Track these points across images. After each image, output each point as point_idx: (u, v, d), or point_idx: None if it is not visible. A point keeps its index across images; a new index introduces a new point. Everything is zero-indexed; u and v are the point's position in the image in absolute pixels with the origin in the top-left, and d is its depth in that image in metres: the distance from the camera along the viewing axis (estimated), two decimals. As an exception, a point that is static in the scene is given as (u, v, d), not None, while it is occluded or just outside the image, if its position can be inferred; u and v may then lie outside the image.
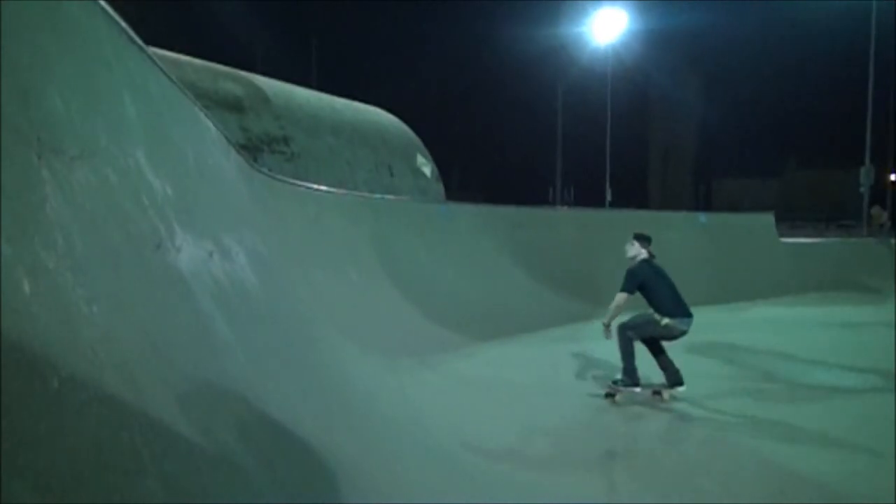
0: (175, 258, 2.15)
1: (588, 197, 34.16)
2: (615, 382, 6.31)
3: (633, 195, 39.27)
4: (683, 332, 6.25)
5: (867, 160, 26.34)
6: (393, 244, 9.24)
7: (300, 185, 8.33)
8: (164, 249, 2.08)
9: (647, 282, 6.30)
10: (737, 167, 48.22)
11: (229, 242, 3.19)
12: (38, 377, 1.06)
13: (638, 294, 6.30)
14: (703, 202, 46.17)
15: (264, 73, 14.47)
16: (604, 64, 32.03)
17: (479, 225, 11.66)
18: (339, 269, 7.40)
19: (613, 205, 30.32)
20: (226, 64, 13.31)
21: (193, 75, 11.29)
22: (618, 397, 6.18)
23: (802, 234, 22.51)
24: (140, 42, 3.15)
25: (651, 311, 6.28)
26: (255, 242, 4.03)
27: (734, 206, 29.29)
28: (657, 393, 6.26)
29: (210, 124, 4.43)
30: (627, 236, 6.89)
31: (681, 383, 6.23)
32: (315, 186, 8.96)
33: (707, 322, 11.20)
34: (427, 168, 16.22)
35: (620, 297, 6.28)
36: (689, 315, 6.23)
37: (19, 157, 1.34)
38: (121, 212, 1.84)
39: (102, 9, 2.52)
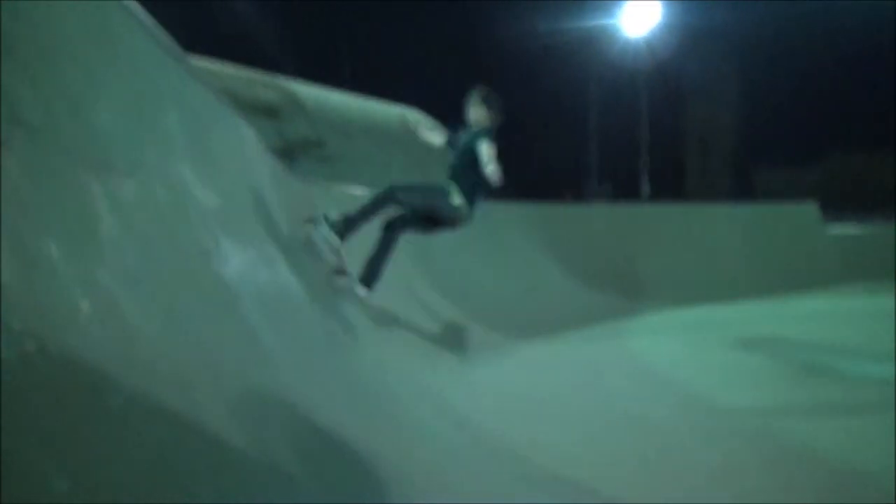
0: (222, 268, 2.17)
1: (624, 190, 33.75)
2: (326, 217, 5.05)
3: (670, 187, 38.66)
4: (452, 227, 5.25)
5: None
6: (428, 243, 9.24)
7: (336, 188, 8.39)
8: (211, 260, 2.10)
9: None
10: (777, 155, 47.04)
11: (271, 249, 3.22)
12: (100, 397, 1.08)
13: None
14: (744, 192, 45.18)
15: (297, 76, 14.61)
16: (637, 55, 31.63)
17: (514, 222, 11.62)
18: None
19: (650, 198, 29.91)
20: (259, 67, 13.49)
21: (229, 82, 11.45)
22: (312, 234, 4.96)
23: (848, 222, 21.92)
24: (180, 53, 3.21)
25: (449, 184, 5.10)
26: (296, 248, 4.06)
27: (775, 196, 28.63)
28: (341, 272, 5.10)
29: (248, 131, 4.48)
30: (665, 231, 6.56)
31: (369, 287, 5.23)
32: (350, 189, 9.01)
33: (752, 316, 11.06)
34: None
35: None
36: (471, 218, 5.26)
37: (73, 176, 1.37)
38: (169, 225, 1.86)
39: (145, 23, 2.56)
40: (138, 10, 2.53)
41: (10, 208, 1.03)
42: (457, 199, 5.08)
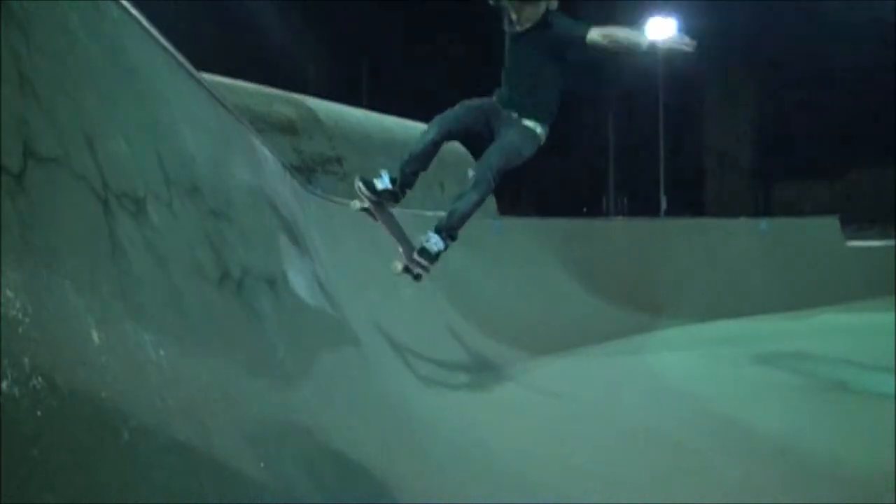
0: (237, 291, 2.16)
1: (642, 206, 33.53)
2: (441, 235, 4.47)
3: (688, 202, 38.31)
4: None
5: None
6: (446, 261, 9.21)
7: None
8: (227, 284, 2.09)
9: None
10: (797, 169, 46.50)
11: (289, 270, 3.21)
12: (109, 430, 1.07)
13: None
14: (763, 207, 44.66)
15: (315, 94, 14.70)
16: (654, 69, 31.51)
17: (533, 238, 11.58)
18: (394, 289, 7.40)
19: (669, 213, 29.68)
20: (278, 85, 13.57)
21: (248, 99, 11.53)
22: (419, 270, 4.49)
23: (870, 236, 21.61)
24: (196, 75, 3.22)
25: (532, 120, 4.19)
26: (314, 267, 4.05)
27: (796, 210, 28.33)
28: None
29: (266, 150, 4.50)
30: (684, 246, 6.39)
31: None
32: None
33: (773, 331, 10.90)
34: (478, 182, 16.16)
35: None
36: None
37: (88, 205, 1.36)
38: (184, 250, 1.86)
39: (162, 47, 2.57)
40: (154, 30, 2.54)
41: (24, 244, 1.03)
42: (541, 130, 4.34)
